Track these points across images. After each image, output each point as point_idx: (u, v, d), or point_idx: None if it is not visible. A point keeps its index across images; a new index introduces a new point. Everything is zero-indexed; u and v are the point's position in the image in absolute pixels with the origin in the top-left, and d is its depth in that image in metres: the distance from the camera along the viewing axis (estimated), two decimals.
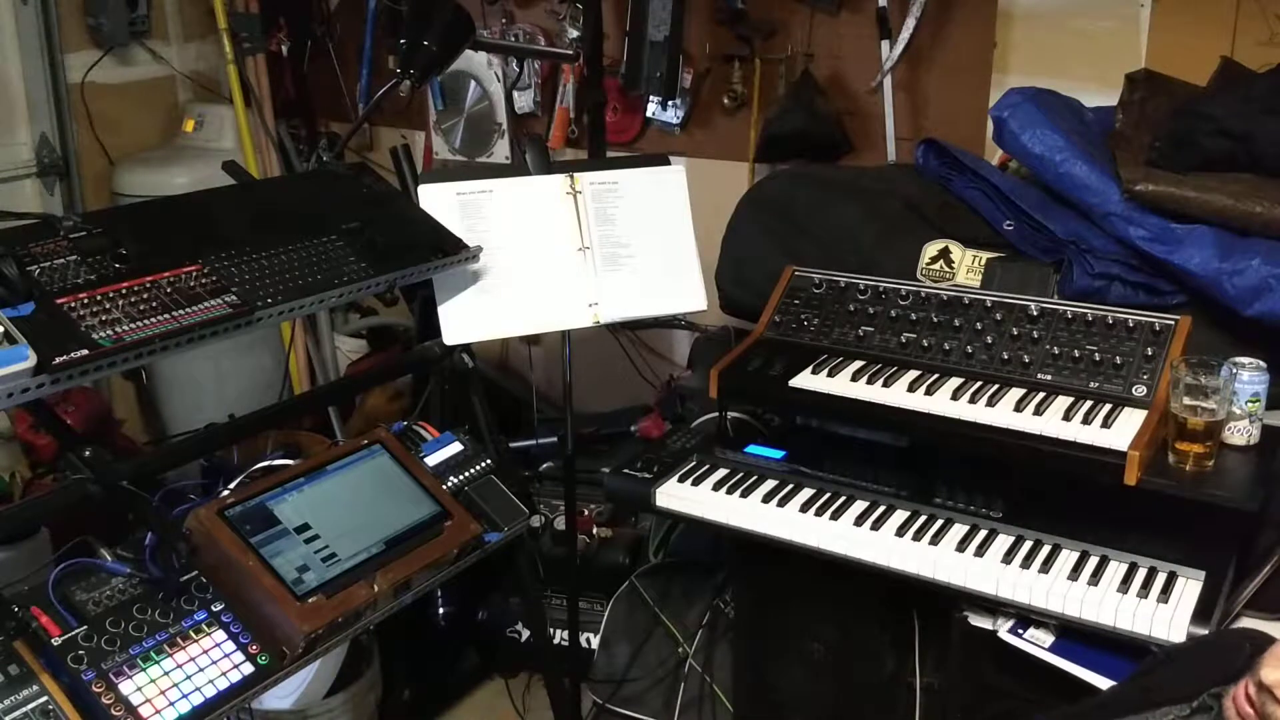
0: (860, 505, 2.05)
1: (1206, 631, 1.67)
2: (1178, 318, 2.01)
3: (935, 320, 2.18)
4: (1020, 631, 1.85)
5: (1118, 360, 2.00)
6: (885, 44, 2.82)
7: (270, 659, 1.52)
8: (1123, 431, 1.85)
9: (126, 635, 1.44)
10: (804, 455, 2.20)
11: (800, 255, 2.41)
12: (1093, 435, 1.86)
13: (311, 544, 1.64)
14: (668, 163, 2.32)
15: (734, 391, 2.26)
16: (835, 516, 2.03)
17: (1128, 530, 1.89)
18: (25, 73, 3.27)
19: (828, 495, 2.09)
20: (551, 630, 2.74)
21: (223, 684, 1.46)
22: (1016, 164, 2.43)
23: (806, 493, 2.11)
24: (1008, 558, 1.89)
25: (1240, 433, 1.88)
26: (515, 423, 3.30)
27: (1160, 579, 1.80)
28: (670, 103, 3.19)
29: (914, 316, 2.19)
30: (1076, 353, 2.03)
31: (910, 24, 2.76)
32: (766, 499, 2.10)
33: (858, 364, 2.17)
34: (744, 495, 2.12)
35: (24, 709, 1.31)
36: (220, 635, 1.51)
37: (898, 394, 2.05)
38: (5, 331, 1.35)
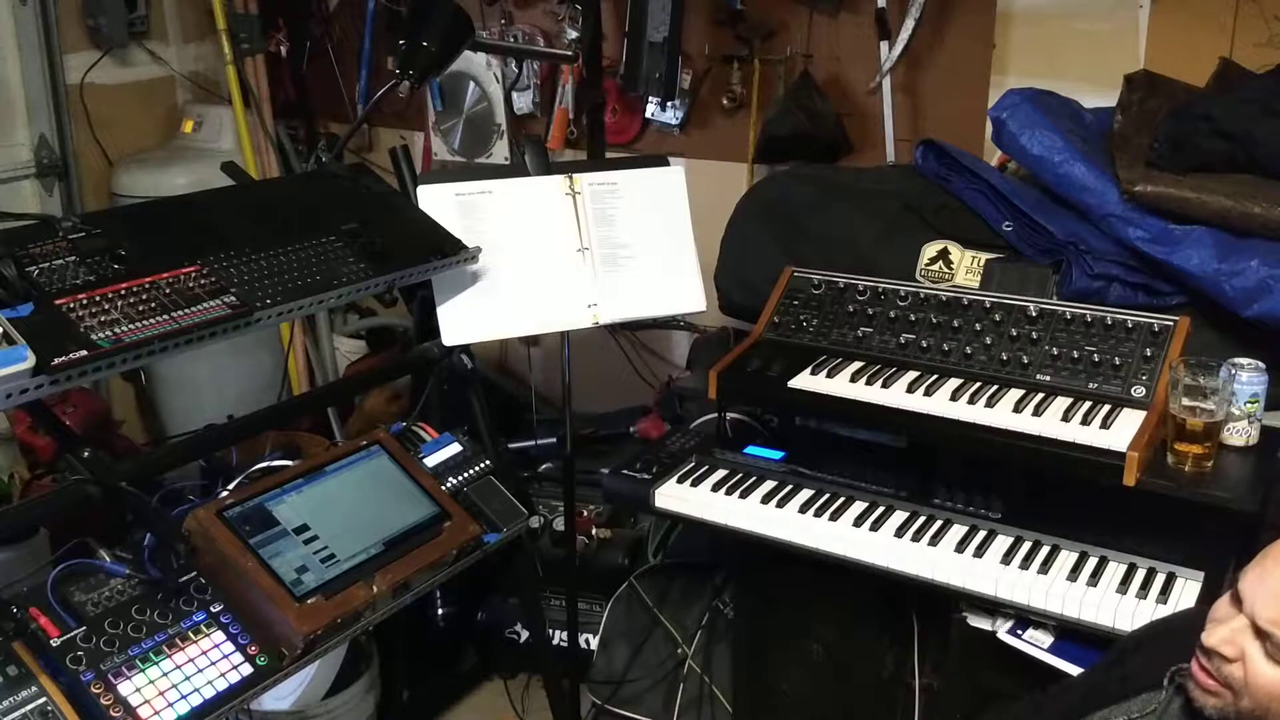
0: (859, 506, 2.06)
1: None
2: (1176, 318, 2.01)
3: (934, 321, 2.18)
4: (1019, 632, 1.85)
5: (1116, 361, 2.00)
6: (884, 45, 2.82)
7: (269, 660, 1.52)
8: (1122, 432, 1.85)
9: (125, 636, 1.44)
10: (803, 456, 2.19)
11: (799, 256, 2.40)
12: (1092, 436, 1.86)
13: (310, 545, 1.64)
14: (667, 163, 2.32)
15: (733, 392, 2.26)
16: (834, 517, 2.03)
17: (1127, 531, 1.89)
18: (24, 73, 3.27)
19: (827, 496, 2.09)
20: (551, 631, 2.73)
21: (221, 685, 1.46)
22: (1015, 165, 2.43)
23: (806, 493, 2.11)
24: (1007, 558, 1.89)
25: (1239, 433, 1.88)
26: (514, 423, 3.30)
27: (1159, 580, 1.81)
28: (669, 103, 3.18)
29: (913, 317, 2.19)
30: (1075, 353, 2.02)
31: (909, 25, 2.76)
32: (766, 500, 2.10)
33: (857, 365, 2.16)
34: (743, 496, 2.12)
35: (23, 710, 1.31)
36: (219, 636, 1.51)
37: (897, 395, 2.05)
38: (4, 332, 1.35)
